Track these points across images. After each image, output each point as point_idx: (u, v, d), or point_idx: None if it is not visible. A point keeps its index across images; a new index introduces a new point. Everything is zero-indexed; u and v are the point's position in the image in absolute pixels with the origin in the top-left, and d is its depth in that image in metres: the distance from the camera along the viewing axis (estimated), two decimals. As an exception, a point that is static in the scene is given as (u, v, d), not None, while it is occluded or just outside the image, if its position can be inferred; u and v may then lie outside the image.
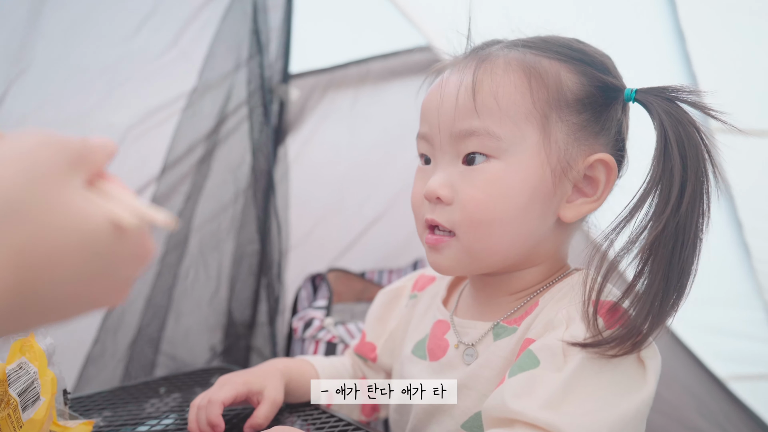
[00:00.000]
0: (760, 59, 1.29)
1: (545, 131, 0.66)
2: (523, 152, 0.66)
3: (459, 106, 0.67)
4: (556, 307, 0.65)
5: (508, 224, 0.67)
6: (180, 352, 1.48)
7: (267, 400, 0.77)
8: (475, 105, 0.66)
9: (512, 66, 0.67)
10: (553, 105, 0.66)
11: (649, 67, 1.30)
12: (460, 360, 0.72)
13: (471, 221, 0.67)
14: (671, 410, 1.40)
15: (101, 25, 1.29)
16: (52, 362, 0.67)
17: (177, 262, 1.46)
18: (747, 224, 1.32)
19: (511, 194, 0.66)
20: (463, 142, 0.67)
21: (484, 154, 0.66)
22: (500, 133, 0.66)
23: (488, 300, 0.74)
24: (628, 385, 0.59)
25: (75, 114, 1.29)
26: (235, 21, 1.44)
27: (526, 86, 0.66)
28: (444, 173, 0.68)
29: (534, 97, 0.66)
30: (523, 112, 0.66)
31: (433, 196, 0.68)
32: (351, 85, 1.66)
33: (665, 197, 0.62)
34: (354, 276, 1.57)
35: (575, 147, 0.67)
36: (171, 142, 1.41)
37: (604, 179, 0.68)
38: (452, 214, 0.67)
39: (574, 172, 0.67)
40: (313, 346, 1.29)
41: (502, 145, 0.66)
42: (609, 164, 0.67)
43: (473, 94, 0.66)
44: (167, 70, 1.39)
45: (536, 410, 0.56)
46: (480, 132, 0.66)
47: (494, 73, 0.67)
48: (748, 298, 1.37)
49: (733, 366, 1.40)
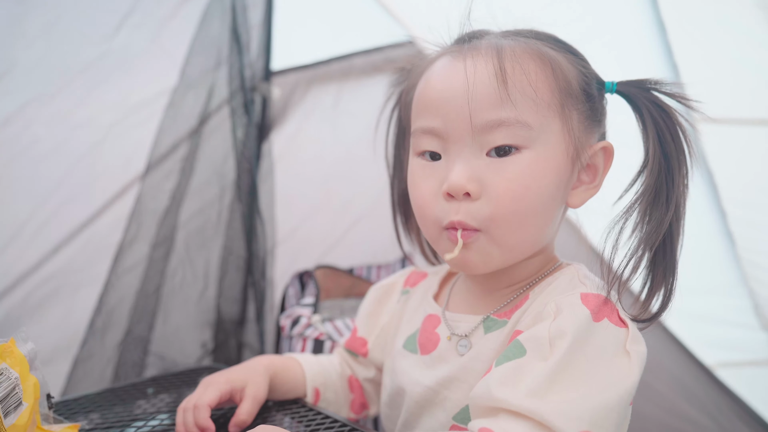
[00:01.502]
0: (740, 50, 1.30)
1: (564, 118, 0.67)
2: (549, 140, 0.66)
3: (488, 94, 0.65)
4: (545, 300, 0.66)
5: (540, 214, 0.67)
6: (170, 351, 1.48)
7: (248, 396, 0.77)
8: (508, 92, 0.64)
9: (533, 54, 0.67)
10: (568, 93, 0.67)
11: (632, 59, 1.31)
12: (453, 352, 0.72)
13: (506, 214, 0.65)
14: (659, 398, 1.41)
15: (81, 24, 1.29)
16: (34, 367, 0.66)
17: (163, 261, 1.45)
18: (730, 213, 1.33)
19: (544, 183, 0.66)
20: (489, 134, 0.65)
21: (516, 147, 0.65)
22: (532, 122, 0.65)
23: (484, 293, 0.75)
24: (613, 374, 0.60)
25: (58, 112, 1.30)
26: (215, 19, 1.43)
27: (549, 73, 0.66)
28: (467, 166, 0.66)
29: (556, 84, 0.66)
30: (547, 99, 0.66)
31: (461, 191, 0.65)
32: (334, 81, 1.65)
33: (670, 181, 0.65)
34: (342, 272, 1.56)
35: (584, 134, 0.69)
36: (154, 140, 1.40)
37: (602, 166, 0.70)
38: (481, 210, 0.65)
39: (582, 160, 0.69)
40: (300, 344, 1.29)
41: (533, 134, 0.65)
42: (609, 151, 0.70)
43: (504, 82, 0.64)
44: (148, 68, 1.39)
45: (521, 398, 0.57)
46: (510, 122, 0.64)
47: (519, 60, 0.65)
48: (734, 286, 1.38)
49: (720, 353, 1.41)
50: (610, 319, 0.62)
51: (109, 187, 1.40)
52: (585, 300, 0.63)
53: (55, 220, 1.34)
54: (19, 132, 1.26)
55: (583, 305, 0.62)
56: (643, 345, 0.63)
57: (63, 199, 1.34)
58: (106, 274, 1.38)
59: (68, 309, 1.37)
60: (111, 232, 1.40)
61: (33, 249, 1.32)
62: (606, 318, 0.62)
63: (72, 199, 1.35)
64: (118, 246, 1.39)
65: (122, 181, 1.40)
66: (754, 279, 1.37)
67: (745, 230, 1.34)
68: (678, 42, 1.31)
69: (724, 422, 1.41)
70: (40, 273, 1.34)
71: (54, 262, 1.35)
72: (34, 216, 1.31)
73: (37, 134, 1.28)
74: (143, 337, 1.44)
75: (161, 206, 1.44)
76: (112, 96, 1.36)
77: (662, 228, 0.64)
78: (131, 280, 1.42)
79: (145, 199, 1.41)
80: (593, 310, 0.62)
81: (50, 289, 1.35)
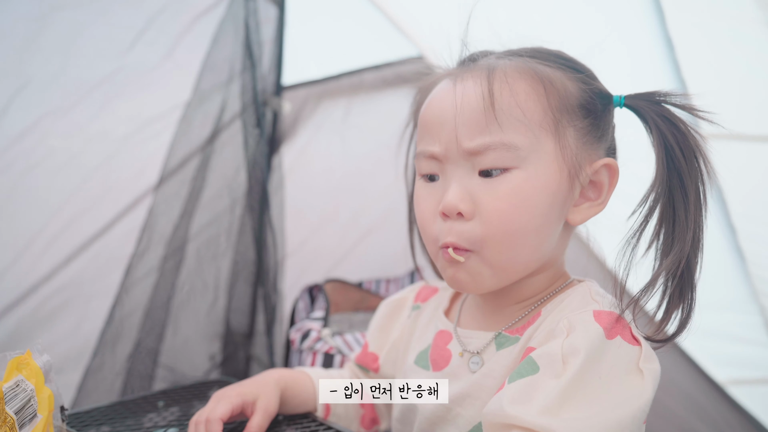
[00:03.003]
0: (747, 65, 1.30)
1: (558, 137, 0.67)
2: (540, 159, 0.66)
3: (475, 119, 0.66)
4: (557, 317, 0.66)
5: (532, 233, 0.67)
6: (179, 363, 1.48)
7: (259, 409, 0.77)
8: (495, 114, 0.65)
9: (523, 73, 0.68)
10: (562, 110, 0.67)
11: (640, 75, 1.32)
12: (465, 369, 0.72)
13: (496, 234, 0.66)
14: (670, 415, 1.40)
15: (97, 40, 1.32)
16: (49, 379, 0.67)
17: (174, 273, 1.46)
18: (741, 229, 1.33)
19: (535, 202, 0.66)
20: (478, 157, 0.66)
21: (501, 168, 0.66)
22: (518, 143, 0.65)
23: (494, 310, 0.75)
24: (626, 391, 0.60)
25: (73, 126, 1.32)
26: (228, 34, 1.45)
27: (541, 92, 0.67)
28: (460, 186, 0.67)
29: (548, 103, 0.67)
30: (538, 118, 0.66)
31: (453, 211, 0.66)
32: (344, 96, 1.66)
33: (683, 198, 0.65)
34: (351, 286, 1.57)
35: (583, 151, 0.68)
36: (167, 153, 1.42)
37: (608, 183, 0.70)
38: (473, 231, 0.66)
39: (583, 177, 0.68)
40: (310, 358, 1.29)
41: (521, 153, 0.66)
42: (613, 168, 0.69)
43: (492, 105, 0.65)
44: (162, 82, 1.41)
45: (534, 415, 0.57)
46: (497, 145, 0.65)
47: (508, 81, 0.66)
48: (744, 302, 1.37)
49: (732, 370, 1.40)
50: (623, 337, 0.62)
51: (122, 199, 1.41)
52: (598, 317, 0.63)
53: (68, 232, 1.35)
54: (35, 144, 1.28)
55: (596, 322, 0.62)
56: (656, 363, 0.63)
57: (76, 211, 1.35)
58: (118, 286, 1.39)
59: (79, 320, 1.38)
60: (123, 244, 1.41)
61: (45, 260, 1.34)
62: (619, 335, 0.62)
63: (85, 210, 1.37)
64: (130, 258, 1.40)
65: (135, 193, 1.42)
66: (765, 295, 1.36)
67: (756, 246, 1.33)
68: (686, 57, 1.32)
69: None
70: (52, 284, 1.35)
71: (66, 273, 1.36)
72: (47, 227, 1.33)
73: (52, 147, 1.31)
74: (153, 349, 1.44)
75: (173, 218, 1.45)
76: (126, 110, 1.38)
77: (684, 253, 0.64)
78: (142, 291, 1.42)
79: (156, 211, 1.42)
80: (606, 327, 0.62)
81: (61, 300, 1.36)
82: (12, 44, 1.22)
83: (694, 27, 1.35)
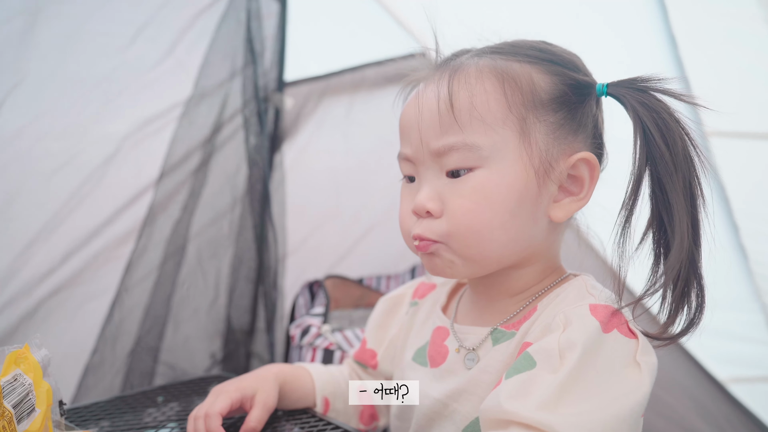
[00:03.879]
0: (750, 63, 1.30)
1: (524, 133, 0.67)
2: (504, 157, 0.66)
3: (436, 121, 0.67)
4: (553, 311, 0.66)
5: (497, 229, 0.67)
6: (179, 360, 1.48)
7: (258, 403, 0.77)
8: (455, 117, 0.66)
9: (484, 73, 0.68)
10: (528, 107, 0.67)
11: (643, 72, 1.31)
12: (461, 365, 0.72)
13: (459, 229, 0.67)
14: (671, 413, 1.40)
15: (97, 36, 1.30)
16: (48, 373, 0.67)
17: (175, 271, 1.46)
18: (743, 227, 1.32)
19: (498, 200, 0.67)
20: (443, 158, 0.68)
21: (465, 168, 0.67)
22: (480, 143, 0.66)
23: (488, 304, 0.75)
24: (624, 385, 0.60)
25: (71, 124, 1.30)
26: (230, 30, 1.44)
27: (500, 91, 0.67)
28: (430, 187, 0.69)
29: (509, 101, 0.67)
30: (500, 117, 0.66)
31: (422, 210, 0.69)
32: (346, 92, 1.66)
33: (658, 184, 0.63)
34: (352, 282, 1.57)
35: (555, 146, 0.67)
36: (168, 150, 1.41)
37: (588, 176, 0.69)
38: (440, 226, 0.68)
39: (557, 172, 0.68)
40: (310, 354, 1.29)
41: (483, 153, 0.66)
42: (591, 162, 0.68)
43: (451, 106, 0.66)
44: (163, 80, 1.40)
45: (532, 411, 0.57)
46: (458, 146, 0.66)
47: (467, 82, 0.67)
48: (746, 300, 1.37)
49: (733, 368, 1.40)
50: (620, 330, 0.62)
51: (121, 197, 1.40)
52: (594, 311, 0.63)
53: (67, 230, 1.34)
54: (31, 145, 1.26)
55: (592, 316, 0.62)
56: (653, 356, 0.62)
57: (75, 210, 1.34)
58: (118, 283, 1.39)
59: (78, 318, 1.38)
60: (123, 243, 1.40)
61: (44, 259, 1.33)
62: (616, 329, 0.62)
63: (84, 209, 1.35)
64: (130, 255, 1.40)
65: (135, 191, 1.41)
66: (766, 293, 1.36)
67: (758, 245, 1.33)
68: (689, 55, 1.31)
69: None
70: (50, 282, 1.34)
71: (64, 272, 1.35)
72: (46, 226, 1.32)
73: (49, 147, 1.28)
74: (153, 347, 1.44)
75: (173, 216, 1.45)
76: (126, 108, 1.37)
77: (683, 249, 0.62)
78: (143, 289, 1.42)
79: (157, 208, 1.42)
80: (602, 321, 0.62)
81: (61, 299, 1.35)
82: (7, 39, 1.19)
83: (697, 25, 1.34)
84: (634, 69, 0.68)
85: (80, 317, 1.37)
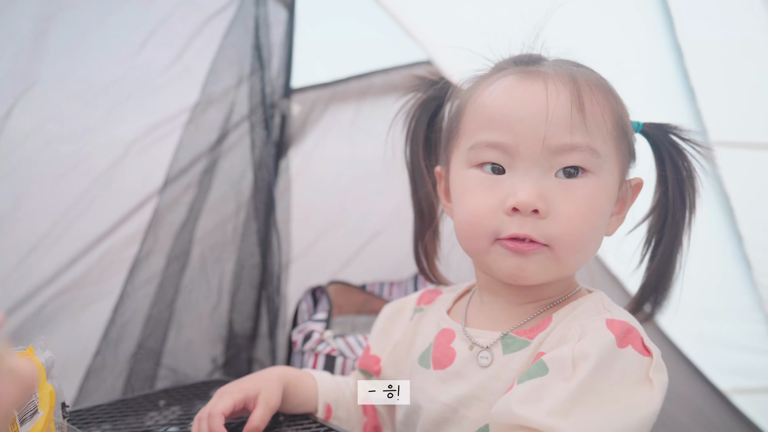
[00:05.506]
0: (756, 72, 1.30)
1: (618, 150, 0.71)
2: (608, 170, 0.70)
3: (566, 119, 0.67)
4: (570, 325, 0.67)
5: (597, 237, 0.71)
6: (181, 364, 1.48)
7: (261, 403, 0.77)
8: (585, 122, 0.67)
9: (601, 86, 0.71)
10: (620, 127, 0.71)
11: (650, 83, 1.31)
12: (473, 364, 0.72)
13: (571, 235, 0.68)
14: (673, 423, 1.39)
15: (106, 41, 1.32)
16: (51, 375, 0.67)
17: (178, 275, 1.46)
18: (747, 237, 1.32)
19: (604, 209, 0.70)
20: (562, 155, 0.67)
21: (584, 169, 0.68)
22: (600, 150, 0.68)
23: (503, 308, 0.75)
24: (634, 400, 0.61)
25: (80, 128, 1.31)
26: (238, 36, 1.45)
27: (613, 106, 0.70)
28: (536, 184, 0.67)
29: (614, 117, 0.70)
30: (610, 131, 0.70)
31: (530, 208, 0.66)
32: (352, 99, 1.67)
33: (680, 217, 0.75)
34: (355, 288, 1.57)
35: (626, 168, 0.74)
36: (174, 156, 1.42)
37: (630, 199, 0.76)
38: (548, 228, 0.67)
39: (621, 191, 0.74)
40: (312, 359, 1.29)
41: (599, 161, 0.69)
42: (639, 187, 0.77)
43: (582, 110, 0.67)
44: (171, 85, 1.41)
45: (542, 416, 0.58)
46: (583, 147, 0.67)
47: (592, 91, 0.69)
48: (750, 311, 1.36)
49: (736, 379, 1.39)
50: (635, 346, 0.63)
51: (128, 202, 1.41)
52: (610, 325, 0.64)
53: (74, 234, 1.35)
54: (40, 148, 1.27)
55: (608, 330, 0.64)
56: (665, 374, 0.64)
57: (82, 214, 1.35)
58: (122, 286, 1.40)
59: (82, 322, 1.38)
60: (128, 247, 1.41)
61: (49, 262, 1.33)
62: (630, 345, 0.63)
63: (90, 214, 1.36)
64: (134, 259, 1.40)
65: (141, 196, 1.42)
66: (770, 304, 1.35)
67: (762, 254, 1.33)
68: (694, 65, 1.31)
69: (739, 449, 1.38)
70: (56, 285, 1.35)
71: (69, 275, 1.36)
72: (53, 230, 1.32)
73: (57, 150, 1.29)
74: (156, 350, 1.45)
75: (178, 220, 1.45)
76: (134, 113, 1.38)
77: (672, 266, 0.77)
78: (146, 292, 1.43)
79: (162, 212, 1.43)
80: (618, 336, 0.63)
81: (65, 302, 1.36)
82: (18, 44, 1.20)
83: (703, 34, 1.34)
84: (641, 82, 0.73)
85: (84, 319, 1.38)
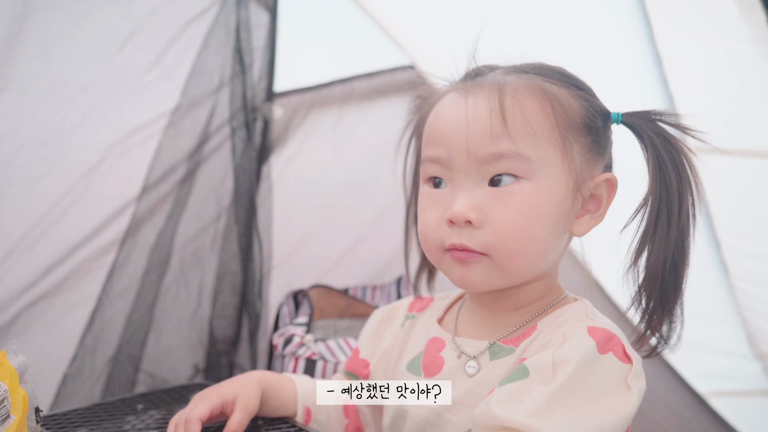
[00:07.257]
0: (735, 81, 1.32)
1: (565, 152, 0.70)
2: (549, 173, 0.69)
3: (487, 130, 0.68)
4: (553, 332, 0.68)
5: (540, 242, 0.70)
6: (161, 370, 1.47)
7: (239, 407, 0.77)
8: (507, 128, 0.68)
9: (533, 91, 0.70)
10: (569, 127, 0.70)
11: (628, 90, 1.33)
12: (460, 372, 0.74)
13: (506, 242, 0.68)
14: (652, 426, 1.41)
15: (84, 43, 1.29)
16: (24, 380, 0.66)
17: (158, 280, 1.45)
18: (724, 242, 1.34)
19: (543, 213, 0.69)
20: (491, 164, 0.69)
21: (514, 175, 0.68)
22: (530, 155, 0.68)
23: (489, 317, 0.76)
24: (612, 403, 0.62)
25: (56, 132, 1.28)
26: (219, 40, 1.44)
27: (549, 109, 0.70)
28: (470, 196, 0.69)
29: (555, 120, 0.70)
30: (547, 134, 0.69)
31: (462, 219, 0.68)
32: (335, 104, 1.67)
33: (668, 211, 0.69)
34: (337, 292, 1.56)
35: (586, 167, 0.72)
36: (153, 161, 1.40)
37: (606, 196, 0.73)
38: (483, 237, 0.68)
39: (585, 191, 0.72)
40: (292, 363, 1.29)
41: (532, 166, 0.68)
42: (613, 183, 0.73)
43: (503, 118, 0.68)
44: (150, 89, 1.39)
45: (521, 416, 0.59)
46: (510, 154, 0.68)
47: (518, 98, 0.69)
48: (727, 315, 1.38)
49: (714, 382, 1.40)
50: (615, 353, 0.65)
51: (106, 208, 1.38)
52: (592, 332, 0.65)
53: (49, 240, 1.31)
54: (13, 152, 1.23)
55: (589, 336, 0.65)
56: (643, 381, 0.65)
57: (58, 220, 1.31)
58: (99, 291, 1.37)
59: (58, 328, 1.35)
60: (105, 252, 1.39)
61: (24, 269, 1.29)
62: (611, 351, 0.64)
63: (67, 219, 1.32)
64: (113, 263, 1.39)
65: (119, 201, 1.39)
66: (747, 308, 1.37)
67: (739, 259, 1.34)
68: (673, 73, 1.33)
69: (716, 452, 1.40)
70: (31, 294, 1.31)
71: (45, 282, 1.33)
72: (27, 236, 1.28)
73: (32, 154, 1.25)
74: (134, 355, 1.43)
75: (158, 225, 1.44)
76: (113, 117, 1.35)
77: (663, 266, 0.68)
78: (125, 298, 1.40)
79: (141, 218, 1.41)
80: (599, 342, 0.64)
81: (40, 310, 1.32)
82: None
83: (682, 42, 1.36)
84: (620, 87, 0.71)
85: (61, 327, 1.35)
